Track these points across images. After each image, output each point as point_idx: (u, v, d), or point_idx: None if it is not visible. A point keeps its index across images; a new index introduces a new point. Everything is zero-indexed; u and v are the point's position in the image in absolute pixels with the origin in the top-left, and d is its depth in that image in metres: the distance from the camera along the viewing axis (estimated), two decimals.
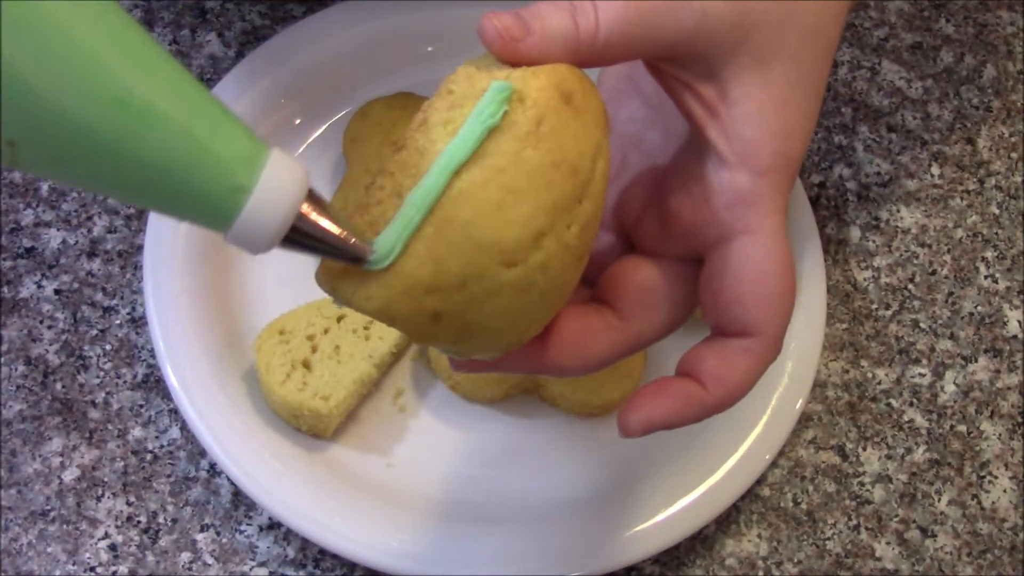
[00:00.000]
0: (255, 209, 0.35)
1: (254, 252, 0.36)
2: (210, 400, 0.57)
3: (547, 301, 0.39)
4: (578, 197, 0.38)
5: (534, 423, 0.61)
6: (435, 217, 0.36)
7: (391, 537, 0.56)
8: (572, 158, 0.37)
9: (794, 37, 0.41)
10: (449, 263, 0.36)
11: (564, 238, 0.37)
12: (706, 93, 0.41)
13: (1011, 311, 0.66)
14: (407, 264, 0.36)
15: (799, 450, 0.62)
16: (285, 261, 0.63)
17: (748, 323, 0.41)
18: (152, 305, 0.59)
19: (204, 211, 0.35)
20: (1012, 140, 0.71)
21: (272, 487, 0.56)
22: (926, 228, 0.68)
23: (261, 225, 0.35)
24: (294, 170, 0.36)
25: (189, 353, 0.58)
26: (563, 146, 0.37)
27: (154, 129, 0.34)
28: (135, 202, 0.36)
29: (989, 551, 0.60)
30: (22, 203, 0.65)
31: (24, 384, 0.61)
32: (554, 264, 0.38)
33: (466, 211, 0.36)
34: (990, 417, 0.64)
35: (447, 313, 0.37)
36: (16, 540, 0.57)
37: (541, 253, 0.37)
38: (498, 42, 0.38)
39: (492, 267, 0.37)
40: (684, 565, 0.59)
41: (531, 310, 0.38)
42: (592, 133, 0.38)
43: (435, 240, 0.36)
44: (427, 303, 0.37)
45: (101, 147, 0.34)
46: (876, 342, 0.65)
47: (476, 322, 0.38)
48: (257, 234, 0.36)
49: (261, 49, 0.65)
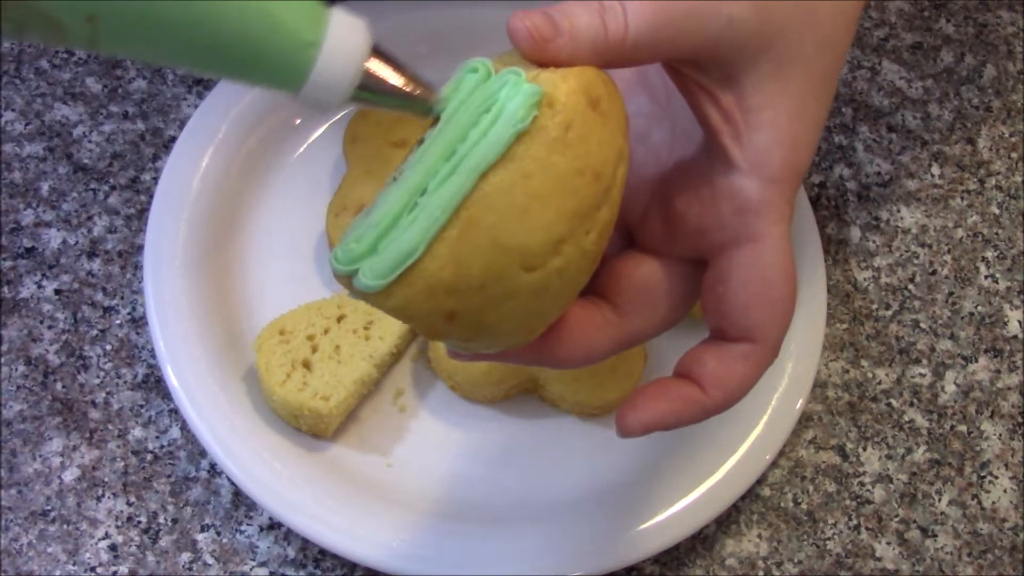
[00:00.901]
0: (327, 64, 0.36)
1: (327, 108, 0.37)
2: (210, 400, 0.57)
3: (559, 302, 0.39)
4: (599, 204, 0.38)
5: (534, 423, 0.61)
6: (460, 219, 0.36)
7: (391, 537, 0.56)
8: (596, 164, 0.38)
9: (812, 45, 0.41)
10: (471, 265, 0.37)
11: (582, 244, 0.38)
12: (724, 99, 0.41)
13: (1011, 311, 0.66)
14: (430, 264, 0.37)
15: (799, 450, 0.62)
16: (285, 261, 0.64)
17: (750, 328, 0.41)
18: (152, 305, 0.59)
19: (278, 72, 0.36)
20: (1012, 140, 0.71)
21: (272, 487, 0.56)
22: (926, 228, 0.68)
23: (334, 78, 0.37)
24: (357, 25, 0.37)
25: (189, 353, 0.58)
26: (588, 152, 0.37)
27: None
28: (212, 71, 0.37)
29: (989, 551, 0.60)
30: (22, 203, 0.65)
31: (24, 384, 0.61)
32: (571, 269, 0.38)
33: (492, 215, 0.36)
34: (990, 417, 0.64)
35: (463, 313, 0.37)
36: (16, 540, 0.57)
37: (560, 259, 0.38)
38: (528, 41, 0.38)
39: (512, 270, 0.37)
40: (684, 565, 0.59)
41: (543, 311, 0.39)
42: (616, 139, 0.39)
43: (459, 242, 0.36)
44: (445, 303, 0.37)
45: (178, 19, 0.35)
46: (876, 342, 0.65)
47: (490, 322, 0.38)
48: (331, 87, 0.37)
49: None
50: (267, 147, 0.65)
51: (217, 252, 0.62)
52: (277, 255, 0.64)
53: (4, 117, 0.67)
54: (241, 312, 0.62)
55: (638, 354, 0.60)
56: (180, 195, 0.62)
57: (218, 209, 0.63)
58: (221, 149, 0.63)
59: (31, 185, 0.65)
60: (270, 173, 0.65)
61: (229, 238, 0.63)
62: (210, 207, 0.62)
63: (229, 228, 0.63)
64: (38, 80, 0.68)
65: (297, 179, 0.65)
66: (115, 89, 0.68)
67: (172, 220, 0.61)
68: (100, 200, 0.65)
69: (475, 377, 0.59)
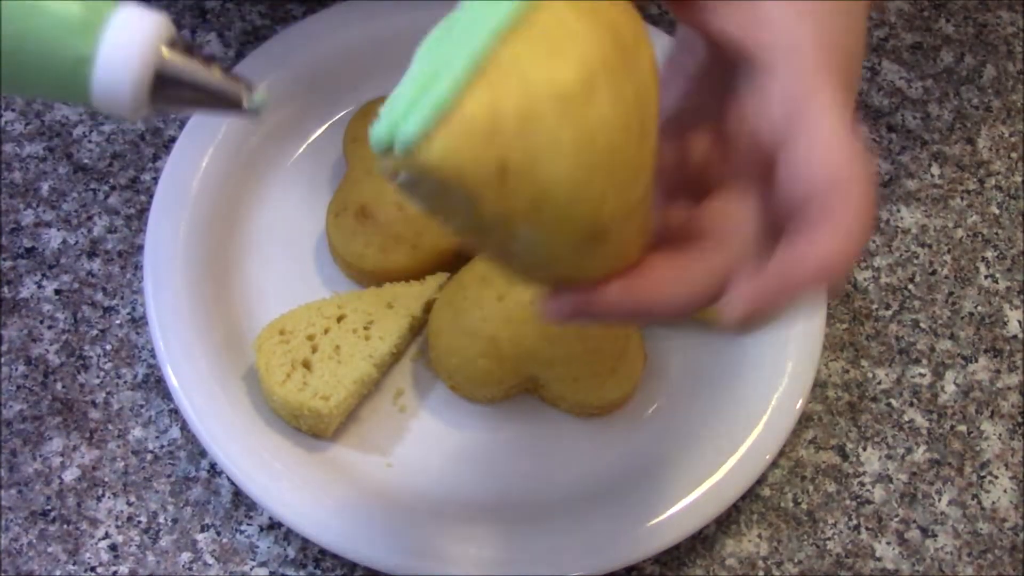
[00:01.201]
0: (104, 78, 0.33)
1: (131, 119, 0.35)
2: (210, 400, 0.57)
3: (617, 152, 0.37)
4: (627, 64, 0.37)
5: (534, 423, 0.61)
6: (491, 63, 0.35)
7: (391, 537, 0.56)
8: (619, 28, 0.37)
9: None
10: (504, 103, 0.35)
11: (622, 91, 0.36)
12: (738, 8, 0.39)
13: (1011, 311, 0.66)
14: (469, 105, 0.35)
15: (799, 450, 0.62)
16: (285, 261, 0.64)
17: (823, 207, 0.37)
18: (152, 305, 0.59)
19: (63, 92, 0.34)
20: (1012, 140, 0.71)
21: (272, 487, 0.56)
22: (926, 228, 0.68)
23: (117, 92, 0.34)
24: (143, 24, 0.34)
25: (189, 353, 0.58)
26: (612, 21, 0.37)
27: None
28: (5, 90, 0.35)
29: (989, 551, 0.60)
30: (22, 203, 0.65)
31: (24, 384, 0.61)
32: (612, 118, 0.36)
33: (516, 60, 0.35)
34: (990, 417, 0.64)
35: (514, 164, 0.35)
36: (16, 540, 0.57)
37: (598, 102, 0.36)
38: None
39: (547, 104, 0.35)
40: (684, 565, 0.59)
41: (601, 170, 0.36)
42: (637, 23, 0.38)
43: (492, 84, 0.35)
44: (490, 149, 0.35)
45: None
46: (876, 342, 0.65)
47: (546, 177, 0.36)
48: (118, 102, 0.34)
49: (261, 49, 0.65)
50: (267, 147, 0.65)
51: (217, 252, 0.62)
52: (277, 255, 0.64)
53: (4, 117, 0.67)
54: (241, 312, 0.62)
55: (637, 354, 0.60)
56: (180, 195, 0.62)
57: (218, 209, 0.63)
58: (221, 149, 0.63)
59: (31, 185, 0.65)
60: (270, 173, 0.65)
61: (229, 238, 0.63)
62: (210, 207, 0.62)
63: (229, 228, 0.63)
64: None
65: (297, 179, 0.65)
66: None
67: (172, 220, 0.61)
68: (100, 200, 0.65)
69: (475, 377, 0.59)
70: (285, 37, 0.66)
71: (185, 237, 0.61)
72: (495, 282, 0.59)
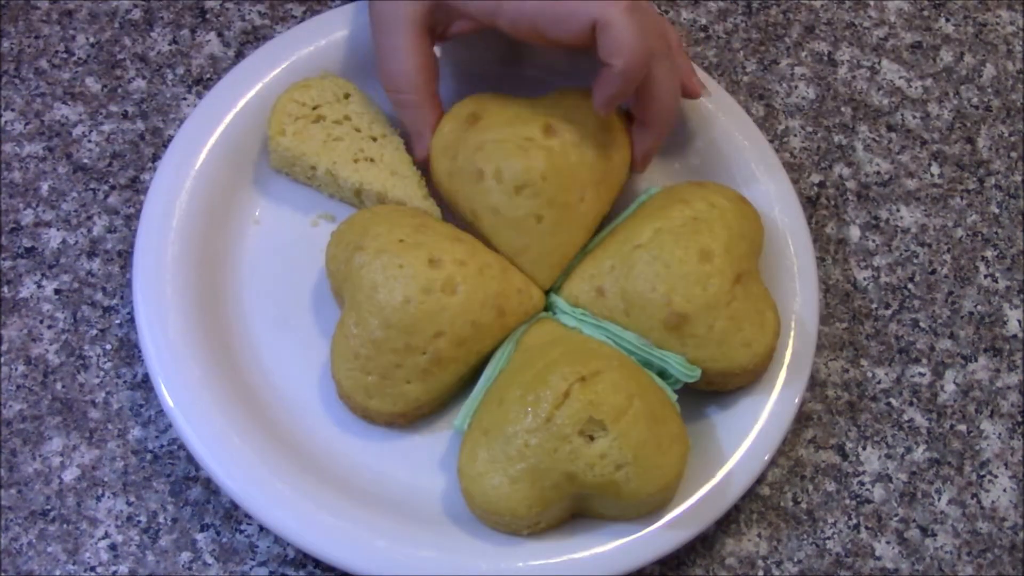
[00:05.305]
0: None
1: None
2: (205, 417, 0.56)
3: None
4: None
5: None
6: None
7: (388, 544, 0.55)
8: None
9: None
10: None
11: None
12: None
13: (1011, 310, 0.66)
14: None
15: (799, 450, 0.62)
16: (282, 267, 0.63)
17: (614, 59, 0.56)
18: (143, 321, 0.58)
19: None
20: (1012, 140, 0.71)
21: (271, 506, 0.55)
22: (926, 228, 0.68)
23: None
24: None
25: (181, 368, 0.57)
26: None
27: None
28: None
29: (989, 550, 0.60)
30: (22, 203, 0.65)
31: (24, 384, 0.61)
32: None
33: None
34: (990, 416, 0.64)
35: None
36: (16, 540, 0.57)
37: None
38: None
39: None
40: (684, 565, 0.59)
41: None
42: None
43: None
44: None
45: None
46: (876, 341, 0.65)
47: None
48: None
49: (261, 49, 0.65)
50: (264, 151, 0.65)
51: (213, 255, 0.62)
52: (274, 260, 0.63)
53: (4, 117, 0.67)
54: (234, 319, 0.61)
55: (679, 434, 0.57)
56: (171, 200, 0.61)
57: (213, 214, 0.62)
58: (216, 151, 0.63)
59: (31, 185, 0.65)
60: (270, 174, 0.65)
61: (225, 244, 0.62)
62: (203, 214, 0.62)
63: (225, 233, 0.62)
64: (38, 80, 0.68)
65: (295, 182, 0.65)
66: (115, 89, 0.68)
67: (163, 226, 0.60)
68: (100, 200, 0.65)
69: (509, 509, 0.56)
70: (285, 37, 0.66)
71: (177, 239, 0.60)
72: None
